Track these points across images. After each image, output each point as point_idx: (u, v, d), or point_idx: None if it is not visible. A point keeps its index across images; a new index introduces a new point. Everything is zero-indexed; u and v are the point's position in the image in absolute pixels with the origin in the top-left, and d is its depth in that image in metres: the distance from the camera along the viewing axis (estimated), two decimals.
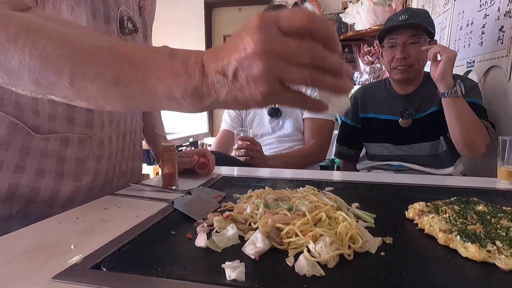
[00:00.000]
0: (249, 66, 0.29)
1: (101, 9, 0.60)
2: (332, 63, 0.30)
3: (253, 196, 0.60)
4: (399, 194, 0.68)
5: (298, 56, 0.29)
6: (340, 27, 3.97)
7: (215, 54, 0.31)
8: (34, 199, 0.59)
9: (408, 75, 1.19)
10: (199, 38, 4.53)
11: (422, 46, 1.16)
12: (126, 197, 0.64)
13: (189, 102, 0.33)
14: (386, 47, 1.22)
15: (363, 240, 0.40)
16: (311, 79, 0.29)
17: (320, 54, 0.30)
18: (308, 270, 0.35)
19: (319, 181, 0.75)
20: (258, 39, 0.28)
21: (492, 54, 1.25)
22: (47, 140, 0.58)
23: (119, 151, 0.72)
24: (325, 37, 0.30)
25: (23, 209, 0.59)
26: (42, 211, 0.60)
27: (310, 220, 0.44)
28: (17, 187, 0.57)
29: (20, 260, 0.37)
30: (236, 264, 0.36)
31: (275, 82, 0.29)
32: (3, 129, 0.55)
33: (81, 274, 0.34)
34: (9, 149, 0.56)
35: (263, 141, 1.39)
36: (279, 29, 0.29)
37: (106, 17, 0.61)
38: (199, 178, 0.80)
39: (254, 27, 0.29)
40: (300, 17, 0.29)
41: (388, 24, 1.21)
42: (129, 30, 0.66)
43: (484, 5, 1.32)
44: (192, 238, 0.45)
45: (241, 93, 0.31)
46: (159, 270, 0.36)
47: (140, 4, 0.71)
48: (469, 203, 0.53)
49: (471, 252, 0.38)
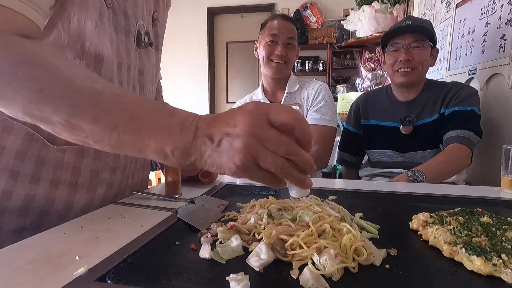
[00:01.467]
0: (233, 139, 0.34)
1: (122, 23, 0.61)
2: (302, 161, 0.35)
3: (256, 205, 0.60)
4: (402, 203, 0.68)
5: (275, 146, 0.34)
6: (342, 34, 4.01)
7: (209, 121, 0.36)
8: (48, 211, 0.59)
9: (411, 78, 1.19)
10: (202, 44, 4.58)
11: (426, 50, 1.17)
12: (130, 206, 0.64)
13: (177, 157, 0.36)
14: (389, 51, 1.23)
15: (368, 253, 0.40)
16: (281, 168, 0.34)
17: (294, 150, 0.35)
18: (313, 283, 0.35)
19: (321, 189, 0.75)
20: (248, 122, 0.33)
21: (493, 62, 1.25)
22: (63, 151, 0.58)
23: (133, 162, 0.73)
24: (302, 136, 0.35)
25: (36, 221, 0.59)
26: (55, 223, 0.60)
27: (314, 231, 0.44)
28: (33, 197, 0.57)
29: (26, 271, 0.38)
30: (240, 277, 0.36)
31: (250, 159, 0.33)
32: (19, 140, 0.55)
33: (87, 287, 0.34)
34: (25, 159, 0.55)
35: None
36: (267, 119, 0.34)
37: (126, 31, 0.62)
38: (202, 186, 0.81)
39: (248, 111, 0.34)
40: (287, 113, 0.34)
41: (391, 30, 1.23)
42: (145, 44, 0.68)
43: (485, 13, 1.33)
44: (196, 249, 0.45)
45: (219, 158, 0.35)
46: (164, 282, 0.36)
47: (154, 16, 0.72)
48: (474, 214, 0.53)
49: (476, 265, 0.38)
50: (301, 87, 1.41)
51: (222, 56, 4.69)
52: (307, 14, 4.09)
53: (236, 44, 4.59)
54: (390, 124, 1.27)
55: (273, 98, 1.43)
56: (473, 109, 1.12)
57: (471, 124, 1.10)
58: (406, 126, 1.22)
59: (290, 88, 1.39)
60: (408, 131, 1.22)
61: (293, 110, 0.35)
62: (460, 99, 1.15)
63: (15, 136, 0.55)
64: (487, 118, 1.25)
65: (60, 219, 0.61)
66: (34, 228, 0.59)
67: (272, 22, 1.34)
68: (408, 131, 1.22)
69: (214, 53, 4.67)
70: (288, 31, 1.34)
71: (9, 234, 0.57)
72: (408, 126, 1.22)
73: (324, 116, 1.33)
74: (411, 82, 1.21)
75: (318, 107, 1.34)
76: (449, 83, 1.25)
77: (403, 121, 1.23)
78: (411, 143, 1.22)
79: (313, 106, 1.35)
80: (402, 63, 1.17)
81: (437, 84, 1.27)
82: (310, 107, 1.36)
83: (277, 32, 1.31)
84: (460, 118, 1.12)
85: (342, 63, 4.15)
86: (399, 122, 1.24)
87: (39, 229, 0.58)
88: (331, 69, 4.06)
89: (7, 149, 0.55)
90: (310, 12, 4.08)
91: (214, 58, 4.68)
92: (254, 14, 4.37)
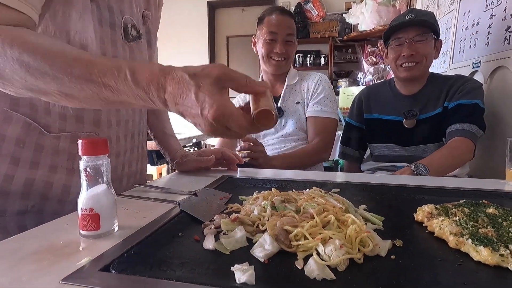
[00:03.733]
0: (198, 124, 0.41)
1: (107, 16, 0.64)
2: None
3: (259, 197, 0.60)
4: (406, 196, 0.68)
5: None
6: (344, 28, 3.97)
7: (176, 99, 0.41)
8: (48, 195, 0.62)
9: (415, 73, 1.18)
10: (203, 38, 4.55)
11: (429, 43, 1.16)
12: (132, 198, 0.64)
13: None
14: (392, 46, 1.20)
15: (373, 243, 0.40)
16: None
17: None
18: (318, 274, 0.35)
19: (324, 182, 0.74)
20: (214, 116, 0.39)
21: (498, 55, 1.24)
22: (58, 138, 0.62)
23: (128, 150, 0.74)
24: None
25: (38, 204, 0.62)
26: (56, 208, 0.63)
27: (319, 222, 0.44)
28: (33, 181, 0.61)
29: (29, 261, 0.37)
30: (245, 267, 0.36)
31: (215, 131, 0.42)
32: (18, 128, 0.59)
33: (91, 276, 0.33)
34: (24, 146, 0.59)
35: (266, 142, 1.39)
36: None
37: (111, 24, 0.65)
38: (204, 179, 0.80)
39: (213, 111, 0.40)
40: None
41: (393, 24, 1.20)
42: (133, 36, 0.70)
43: (490, 5, 1.31)
44: (199, 240, 0.45)
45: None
46: (168, 272, 0.36)
47: (144, 14, 0.74)
48: (479, 206, 0.53)
49: (483, 256, 0.37)
50: (301, 79, 1.40)
51: (223, 50, 4.66)
52: (309, 7, 4.05)
53: (237, 38, 4.56)
54: (393, 118, 1.26)
55: (272, 91, 1.42)
56: (477, 102, 1.11)
57: (474, 117, 1.09)
58: (409, 119, 1.21)
59: (290, 81, 1.38)
60: (411, 124, 1.21)
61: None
62: (464, 92, 1.14)
63: (15, 125, 0.59)
64: (491, 111, 1.24)
65: (61, 203, 0.64)
66: (36, 211, 0.62)
67: (270, 18, 1.31)
68: (411, 124, 1.21)
69: (215, 47, 4.64)
70: (287, 27, 1.30)
71: (13, 216, 0.61)
72: (411, 119, 1.21)
73: (325, 108, 1.32)
74: (415, 77, 1.19)
75: (318, 99, 1.33)
76: (453, 76, 1.24)
77: (406, 115, 1.22)
78: (414, 137, 1.21)
79: (314, 98, 1.34)
80: (405, 57, 1.16)
81: (440, 77, 1.26)
82: (310, 99, 1.35)
83: (275, 30, 1.29)
84: (463, 112, 1.11)
85: (344, 57, 4.12)
86: (402, 115, 1.23)
87: (41, 213, 0.63)
88: (333, 63, 4.03)
89: (7, 137, 0.59)
90: (311, 5, 4.03)
91: (215, 52, 4.65)
92: (255, 8, 4.33)
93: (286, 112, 1.37)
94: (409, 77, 1.19)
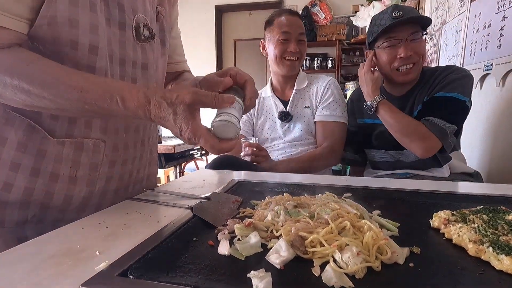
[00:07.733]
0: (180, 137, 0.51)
1: (116, 16, 0.59)
2: None
3: (272, 202, 0.60)
4: (419, 201, 0.67)
5: None
6: (351, 31, 3.96)
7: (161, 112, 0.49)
8: (48, 204, 0.60)
9: (414, 76, 1.11)
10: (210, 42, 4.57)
11: (424, 42, 1.09)
12: (145, 202, 0.64)
13: None
14: (383, 48, 1.10)
15: (391, 251, 0.39)
16: None
17: None
18: (336, 281, 0.35)
19: (335, 186, 0.74)
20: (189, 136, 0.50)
21: (511, 57, 1.22)
22: (63, 144, 0.59)
23: (137, 157, 0.72)
24: None
25: (38, 214, 0.60)
26: (57, 216, 0.61)
27: (334, 228, 0.43)
28: (32, 191, 0.58)
29: (49, 265, 0.38)
30: (262, 274, 0.36)
31: None
32: (20, 132, 0.56)
33: (109, 281, 0.34)
34: (25, 151, 0.56)
35: (274, 146, 1.38)
36: None
37: (121, 24, 0.60)
38: (216, 183, 0.80)
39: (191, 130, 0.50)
40: None
41: (380, 23, 1.10)
42: (145, 36, 0.65)
43: (502, 7, 1.29)
44: (214, 245, 0.45)
45: None
46: (185, 278, 0.36)
47: (157, 10, 0.70)
48: (498, 212, 0.52)
49: (506, 265, 0.36)
50: (310, 83, 1.39)
51: (230, 54, 4.68)
52: (316, 10, 4.05)
53: (244, 42, 4.58)
54: None
55: (282, 95, 1.42)
56: (452, 96, 1.02)
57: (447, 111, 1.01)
58: None
59: (299, 85, 1.38)
60: None
61: None
62: (442, 85, 1.05)
63: (17, 128, 0.56)
64: (504, 116, 1.22)
65: (61, 212, 0.61)
66: (37, 221, 0.60)
67: (280, 19, 1.32)
68: None
69: (222, 51, 4.67)
70: (299, 26, 1.33)
71: (12, 227, 0.58)
72: None
73: (334, 112, 1.32)
74: (413, 80, 1.12)
75: (327, 103, 1.33)
76: (441, 67, 1.15)
77: None
78: None
79: (322, 103, 1.34)
80: (402, 59, 1.07)
81: (429, 70, 1.16)
82: (319, 103, 1.35)
83: (288, 29, 1.30)
84: (435, 105, 1.03)
85: (351, 60, 4.10)
86: None
87: (41, 222, 0.60)
88: (340, 66, 4.02)
89: (9, 140, 0.56)
90: (318, 8, 4.03)
91: (222, 56, 4.68)
92: (262, 12, 4.34)
93: (295, 116, 1.36)
94: (407, 81, 1.12)
